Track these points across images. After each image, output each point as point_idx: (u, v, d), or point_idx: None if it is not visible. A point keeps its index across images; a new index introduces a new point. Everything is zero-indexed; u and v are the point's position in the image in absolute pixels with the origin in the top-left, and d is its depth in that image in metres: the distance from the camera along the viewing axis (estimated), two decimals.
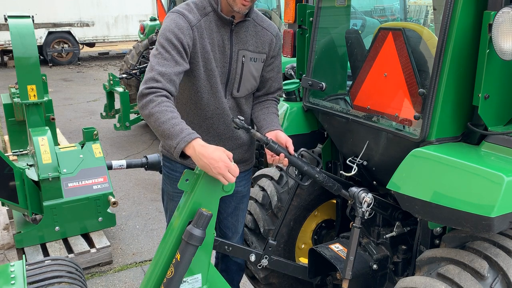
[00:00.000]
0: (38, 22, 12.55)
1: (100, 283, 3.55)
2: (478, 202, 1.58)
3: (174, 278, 1.66)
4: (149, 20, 8.09)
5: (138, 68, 7.30)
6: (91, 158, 3.96)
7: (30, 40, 4.09)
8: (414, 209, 1.83)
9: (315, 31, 2.44)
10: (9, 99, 5.05)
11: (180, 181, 1.72)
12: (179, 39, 1.97)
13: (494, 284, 1.64)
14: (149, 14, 13.82)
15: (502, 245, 1.75)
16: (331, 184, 2.14)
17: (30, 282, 2.00)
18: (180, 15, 2.04)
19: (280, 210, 2.52)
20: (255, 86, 2.26)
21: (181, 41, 1.98)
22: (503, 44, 1.64)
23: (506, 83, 1.82)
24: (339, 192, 2.16)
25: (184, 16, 2.03)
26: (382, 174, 2.23)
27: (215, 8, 2.09)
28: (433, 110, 1.83)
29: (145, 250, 4.02)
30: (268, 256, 2.25)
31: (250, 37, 2.18)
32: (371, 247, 2.38)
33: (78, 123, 7.80)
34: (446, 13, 1.75)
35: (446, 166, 1.70)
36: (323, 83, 2.38)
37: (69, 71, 13.30)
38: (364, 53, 2.28)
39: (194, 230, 1.62)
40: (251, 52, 2.18)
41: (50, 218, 3.68)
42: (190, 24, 2.03)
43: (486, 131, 1.84)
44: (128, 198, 5.06)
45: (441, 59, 1.79)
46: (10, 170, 3.47)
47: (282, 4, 5.43)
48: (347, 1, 2.50)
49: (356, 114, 2.22)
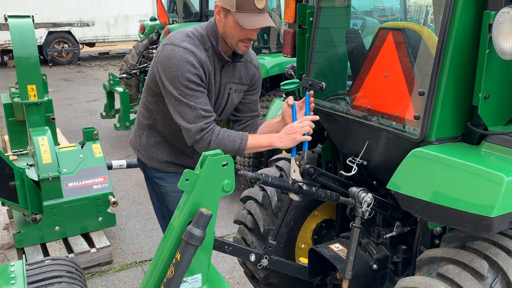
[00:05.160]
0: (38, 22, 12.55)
1: (100, 283, 3.55)
2: (478, 202, 1.58)
3: (174, 278, 1.66)
4: (149, 20, 8.10)
5: (138, 68, 7.30)
6: (91, 158, 3.96)
7: (30, 40, 4.09)
8: (414, 209, 1.83)
9: (315, 31, 2.44)
10: (9, 99, 5.05)
11: (180, 181, 1.73)
12: (196, 75, 2.06)
13: (494, 284, 1.64)
14: (149, 14, 13.81)
15: (502, 245, 1.75)
16: (330, 196, 2.18)
17: (30, 282, 1.99)
18: (189, 52, 2.07)
19: (280, 210, 2.52)
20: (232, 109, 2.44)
21: (199, 75, 2.08)
22: (503, 44, 1.64)
23: (506, 83, 1.82)
24: (339, 201, 2.18)
25: (193, 54, 2.07)
26: (382, 174, 2.23)
27: (214, 46, 2.16)
28: (433, 110, 1.83)
29: (145, 250, 4.02)
30: (268, 256, 2.25)
31: (237, 71, 2.31)
32: (371, 247, 2.38)
33: (78, 123, 7.80)
34: (446, 13, 1.75)
35: (446, 166, 1.70)
36: (323, 83, 2.38)
37: (69, 71, 13.30)
38: (364, 53, 2.28)
39: (194, 230, 1.62)
40: (236, 84, 2.32)
41: (50, 218, 3.68)
42: (200, 62, 2.09)
43: (486, 131, 1.84)
44: (128, 198, 5.06)
45: (441, 59, 1.79)
46: (10, 170, 3.47)
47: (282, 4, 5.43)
48: (347, 1, 2.50)
49: (356, 114, 2.22)
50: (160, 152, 2.38)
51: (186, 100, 2.05)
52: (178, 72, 2.03)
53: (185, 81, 2.04)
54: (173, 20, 7.45)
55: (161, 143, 2.37)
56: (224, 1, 2.06)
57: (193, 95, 2.06)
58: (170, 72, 2.04)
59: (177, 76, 2.03)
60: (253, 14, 2.03)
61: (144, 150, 2.41)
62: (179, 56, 2.04)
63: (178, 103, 2.07)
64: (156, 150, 2.38)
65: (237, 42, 2.12)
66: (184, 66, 2.03)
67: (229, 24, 2.09)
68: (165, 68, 2.06)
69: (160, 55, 2.10)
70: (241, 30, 2.07)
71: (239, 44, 2.13)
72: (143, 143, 2.40)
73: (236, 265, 3.65)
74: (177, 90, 2.05)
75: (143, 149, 2.41)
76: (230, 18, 2.06)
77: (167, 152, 2.37)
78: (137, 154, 2.48)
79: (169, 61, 2.05)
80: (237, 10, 2.02)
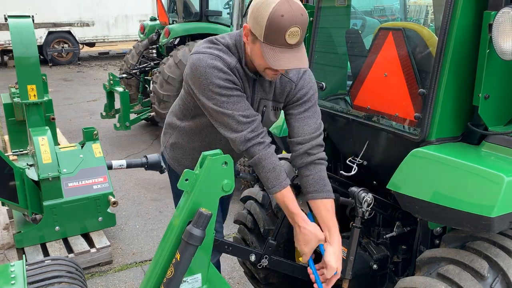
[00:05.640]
0: (38, 22, 12.55)
1: (100, 283, 3.55)
2: (478, 202, 1.58)
3: (174, 278, 1.66)
4: (149, 20, 8.09)
5: (138, 68, 7.30)
6: (91, 158, 3.96)
7: (30, 40, 4.09)
8: (414, 209, 1.83)
9: (315, 31, 2.44)
10: (9, 99, 5.05)
11: (180, 181, 1.72)
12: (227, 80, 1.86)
13: (494, 284, 1.64)
14: (149, 14, 13.82)
15: (502, 245, 1.75)
16: None
17: (30, 282, 1.99)
18: (215, 57, 1.86)
19: (280, 210, 2.51)
20: None
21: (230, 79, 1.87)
22: (503, 44, 1.64)
23: (506, 83, 1.82)
24: (339, 202, 2.17)
25: (220, 58, 1.86)
26: (382, 174, 2.23)
27: (240, 58, 1.93)
28: (433, 110, 1.83)
29: (145, 250, 4.02)
30: (268, 256, 2.25)
31: (273, 87, 2.04)
32: (371, 247, 2.38)
33: (78, 123, 7.80)
34: (446, 13, 1.75)
35: (446, 166, 1.70)
36: (323, 83, 2.38)
37: (69, 71, 13.30)
38: (364, 53, 2.28)
39: (194, 230, 1.62)
40: (273, 101, 2.07)
41: (50, 218, 3.67)
42: (229, 66, 1.88)
43: (486, 131, 1.83)
44: (128, 198, 5.06)
45: (441, 59, 1.78)
46: (10, 170, 3.47)
47: None
48: (347, 1, 2.50)
49: (356, 114, 2.22)
50: (185, 157, 2.28)
51: (222, 109, 1.86)
52: (206, 80, 1.84)
53: (216, 88, 1.84)
54: (173, 20, 7.45)
55: (188, 148, 2.25)
56: (254, 25, 1.76)
57: (229, 101, 1.86)
58: (200, 83, 1.86)
59: (207, 85, 1.85)
60: (282, 50, 1.74)
61: (170, 149, 2.32)
62: (204, 63, 1.85)
63: (216, 114, 1.89)
64: (181, 153, 2.29)
65: (264, 69, 1.88)
66: (211, 72, 1.83)
67: (255, 53, 1.84)
68: (194, 80, 1.89)
69: (187, 68, 1.93)
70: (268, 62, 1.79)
71: (266, 71, 1.88)
72: (172, 142, 2.30)
73: (236, 265, 3.64)
74: (211, 101, 1.87)
75: (170, 147, 2.32)
76: (257, 46, 1.80)
77: (191, 158, 2.25)
78: (163, 150, 2.40)
79: (196, 71, 1.87)
80: (265, 41, 1.74)
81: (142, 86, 7.42)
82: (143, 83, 7.38)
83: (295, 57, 1.75)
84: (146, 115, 7.10)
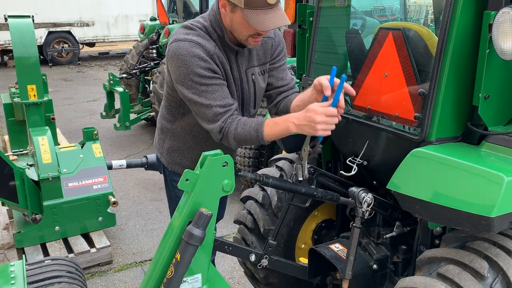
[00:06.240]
0: (38, 22, 12.55)
1: (100, 283, 3.55)
2: (478, 202, 1.58)
3: (174, 278, 1.66)
4: (149, 20, 8.09)
5: (138, 68, 7.30)
6: (91, 158, 3.96)
7: (30, 40, 4.09)
8: (414, 209, 1.83)
9: (315, 31, 2.44)
10: (9, 99, 5.05)
11: (180, 181, 1.72)
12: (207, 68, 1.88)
13: (494, 284, 1.64)
14: (149, 14, 13.82)
15: (502, 245, 1.75)
16: (330, 197, 2.16)
17: (30, 282, 1.99)
18: (195, 44, 1.87)
19: (280, 210, 2.52)
20: None
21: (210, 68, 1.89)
22: (503, 44, 1.64)
23: (506, 83, 1.82)
24: (339, 201, 2.17)
25: (200, 45, 1.87)
26: (382, 174, 2.22)
27: (220, 35, 1.96)
28: (433, 110, 1.83)
29: (145, 250, 4.02)
30: (268, 256, 2.25)
31: (254, 52, 2.09)
32: (371, 247, 2.38)
33: (78, 123, 7.80)
34: (446, 13, 1.75)
35: (446, 166, 1.70)
36: None
37: (69, 71, 13.30)
38: (364, 53, 2.28)
39: (194, 230, 1.62)
40: (258, 66, 2.11)
41: (50, 218, 3.68)
42: (209, 53, 1.90)
43: (486, 131, 1.83)
44: (128, 198, 5.06)
45: (441, 59, 1.78)
46: (10, 170, 3.47)
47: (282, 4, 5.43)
48: (347, 1, 2.50)
49: (356, 114, 2.22)
50: (184, 158, 2.28)
51: (201, 99, 1.89)
52: (187, 69, 1.86)
53: (196, 77, 1.86)
54: (173, 20, 7.45)
55: (184, 149, 2.26)
56: None
57: (208, 90, 1.88)
58: (180, 72, 1.88)
59: (188, 74, 1.86)
60: (265, 12, 1.79)
61: (167, 154, 2.31)
62: (185, 51, 1.85)
63: (195, 104, 1.92)
64: (179, 155, 2.28)
65: (247, 38, 1.91)
66: (191, 61, 1.84)
67: (236, 21, 1.86)
68: (174, 69, 1.90)
69: (167, 56, 1.94)
70: (251, 27, 1.84)
71: (248, 39, 1.92)
72: (167, 146, 2.29)
73: (236, 265, 3.64)
74: (190, 90, 1.89)
75: (166, 153, 2.31)
76: (238, 14, 1.83)
77: (191, 158, 2.26)
78: (159, 156, 2.38)
79: (175, 59, 1.88)
80: (245, 6, 1.77)
81: (142, 86, 7.42)
82: (143, 83, 7.38)
83: (278, 15, 1.81)
84: (146, 115, 7.10)
